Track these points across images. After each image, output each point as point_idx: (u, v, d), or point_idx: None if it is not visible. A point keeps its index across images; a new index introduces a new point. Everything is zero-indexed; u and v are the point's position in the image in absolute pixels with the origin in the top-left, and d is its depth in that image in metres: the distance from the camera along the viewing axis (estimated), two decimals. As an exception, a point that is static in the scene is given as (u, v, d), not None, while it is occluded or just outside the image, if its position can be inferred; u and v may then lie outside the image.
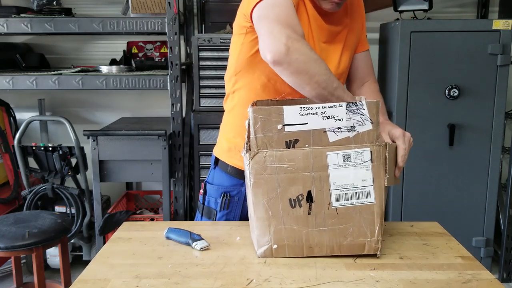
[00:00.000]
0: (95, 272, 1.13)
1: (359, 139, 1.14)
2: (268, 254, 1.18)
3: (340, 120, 1.12)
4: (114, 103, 3.44)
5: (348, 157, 1.14)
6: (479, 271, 1.12)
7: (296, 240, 1.17)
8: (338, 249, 1.18)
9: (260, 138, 1.12)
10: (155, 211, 3.34)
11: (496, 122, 2.79)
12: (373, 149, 1.14)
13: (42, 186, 2.79)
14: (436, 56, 2.74)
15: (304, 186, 1.15)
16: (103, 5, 3.32)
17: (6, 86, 2.79)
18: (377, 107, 1.13)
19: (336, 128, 1.12)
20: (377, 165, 1.15)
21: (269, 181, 1.14)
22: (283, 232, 1.17)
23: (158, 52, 3.30)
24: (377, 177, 1.15)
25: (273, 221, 1.16)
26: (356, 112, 1.12)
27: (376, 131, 1.14)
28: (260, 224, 1.17)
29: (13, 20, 2.78)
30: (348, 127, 1.13)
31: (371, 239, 1.17)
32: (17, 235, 2.16)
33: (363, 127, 1.13)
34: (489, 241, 2.92)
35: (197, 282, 1.07)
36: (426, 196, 2.88)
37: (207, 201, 1.49)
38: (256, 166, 1.14)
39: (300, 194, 1.15)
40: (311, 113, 1.11)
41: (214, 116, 2.83)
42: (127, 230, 1.39)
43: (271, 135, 1.12)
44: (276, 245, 1.17)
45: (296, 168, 1.14)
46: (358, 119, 1.13)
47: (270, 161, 1.13)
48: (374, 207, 1.16)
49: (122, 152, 2.72)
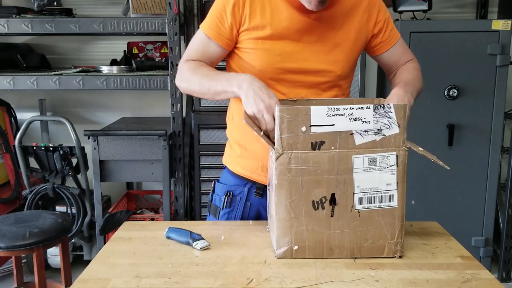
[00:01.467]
0: (96, 272, 1.13)
1: (386, 142, 1.13)
2: (288, 255, 1.18)
3: (367, 122, 1.11)
4: (115, 103, 3.45)
5: (374, 161, 1.13)
6: (479, 271, 1.13)
7: (317, 241, 1.17)
8: (358, 251, 1.18)
9: (285, 138, 1.11)
10: (155, 211, 3.34)
11: (495, 122, 2.80)
12: (399, 154, 1.14)
13: (43, 186, 2.79)
14: (436, 56, 2.75)
15: (328, 188, 1.14)
16: (103, 6, 3.33)
17: (7, 86, 2.80)
18: (404, 110, 1.12)
19: (363, 131, 1.11)
20: (402, 169, 1.14)
21: (293, 182, 1.13)
22: (305, 234, 1.16)
23: (159, 52, 3.31)
24: (401, 181, 1.15)
25: (295, 222, 1.15)
26: (384, 115, 1.11)
27: (403, 135, 1.13)
28: (281, 225, 1.16)
29: (14, 21, 2.78)
30: (375, 130, 1.12)
31: (391, 242, 1.17)
32: (18, 234, 2.16)
33: (390, 131, 1.12)
34: (488, 240, 2.92)
35: (197, 282, 1.07)
36: (426, 196, 2.88)
37: (214, 199, 1.52)
38: (280, 167, 1.13)
39: (323, 197, 1.14)
40: (338, 114, 1.10)
41: (214, 116, 2.83)
42: (127, 230, 1.39)
43: (297, 136, 1.11)
44: (296, 246, 1.17)
45: (321, 170, 1.13)
46: (386, 122, 1.12)
47: (295, 163, 1.12)
48: (396, 211, 1.16)
49: (123, 152, 2.73)
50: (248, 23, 1.33)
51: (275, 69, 1.35)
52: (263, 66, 1.35)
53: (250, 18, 1.33)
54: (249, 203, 1.46)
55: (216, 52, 1.38)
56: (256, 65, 1.35)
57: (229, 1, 1.33)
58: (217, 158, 2.89)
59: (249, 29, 1.34)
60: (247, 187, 1.45)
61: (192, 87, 1.36)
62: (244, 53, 1.37)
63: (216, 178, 1.57)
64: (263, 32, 1.33)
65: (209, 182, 2.91)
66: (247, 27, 1.34)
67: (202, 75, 1.32)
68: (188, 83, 1.36)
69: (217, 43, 1.36)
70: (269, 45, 1.33)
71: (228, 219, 1.48)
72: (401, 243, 1.18)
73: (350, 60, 1.42)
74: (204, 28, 1.38)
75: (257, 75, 1.31)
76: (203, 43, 1.38)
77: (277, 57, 1.34)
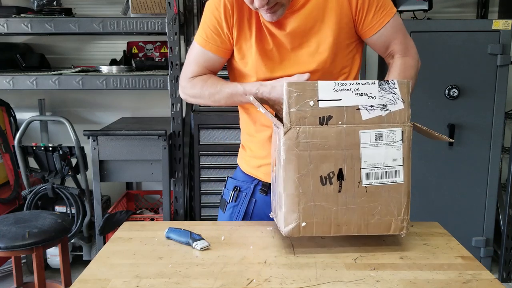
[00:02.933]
0: (95, 272, 1.13)
1: (391, 118, 1.15)
2: (295, 232, 1.17)
3: (373, 98, 1.13)
4: (114, 103, 3.44)
5: (380, 136, 1.15)
6: (479, 271, 1.13)
7: (325, 218, 1.17)
8: (366, 227, 1.18)
9: (293, 113, 1.12)
10: (155, 211, 3.34)
11: (496, 122, 2.80)
12: (404, 129, 1.16)
13: (42, 186, 2.79)
14: (436, 56, 2.75)
15: (335, 163, 1.15)
16: (103, 5, 3.32)
17: (6, 86, 2.79)
18: (408, 87, 1.14)
19: (369, 106, 1.13)
20: (407, 145, 1.16)
21: (301, 157, 1.14)
22: (313, 210, 1.16)
23: (158, 52, 3.31)
24: (407, 157, 1.16)
25: (303, 198, 1.15)
26: (388, 91, 1.14)
27: (408, 111, 1.15)
28: (289, 201, 1.16)
29: (13, 20, 2.78)
30: (380, 105, 1.14)
31: (397, 218, 1.18)
32: (17, 235, 2.16)
33: (395, 106, 1.14)
34: (489, 241, 2.92)
35: (197, 282, 1.07)
36: (426, 196, 2.88)
37: (224, 193, 1.56)
38: (288, 142, 1.13)
39: (331, 172, 1.15)
40: (345, 89, 1.12)
41: (214, 116, 2.83)
42: (127, 230, 1.39)
43: (305, 110, 1.12)
44: (304, 222, 1.16)
45: (329, 145, 1.14)
46: (390, 97, 1.14)
47: (303, 137, 1.13)
48: (402, 187, 1.17)
49: (122, 152, 2.73)
50: (237, 31, 1.35)
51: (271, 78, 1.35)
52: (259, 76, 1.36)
53: (237, 27, 1.35)
54: (254, 200, 1.49)
55: (217, 63, 1.42)
56: (252, 75, 1.37)
57: (219, 10, 1.34)
58: (217, 158, 2.89)
59: (238, 37, 1.36)
60: (254, 184, 1.49)
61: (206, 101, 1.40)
62: (240, 63, 1.39)
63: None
64: (249, 43, 1.35)
65: (209, 182, 2.91)
66: (236, 35, 1.36)
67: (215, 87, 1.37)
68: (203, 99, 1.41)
69: (216, 54, 1.39)
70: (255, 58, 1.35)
71: (233, 213, 1.50)
72: (407, 220, 1.19)
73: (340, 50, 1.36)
74: (201, 42, 1.39)
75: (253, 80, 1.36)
76: (202, 56, 1.40)
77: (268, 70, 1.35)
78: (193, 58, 1.42)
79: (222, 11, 1.34)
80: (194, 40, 1.43)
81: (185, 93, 1.43)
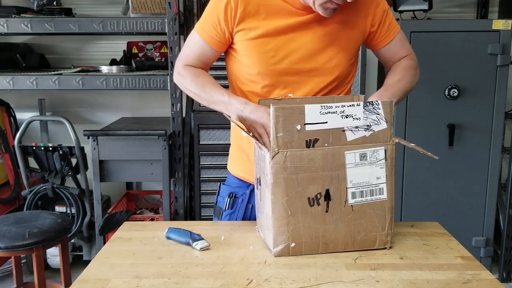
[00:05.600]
0: (95, 272, 1.13)
1: (375, 138, 1.17)
2: (285, 252, 1.19)
3: (357, 119, 1.15)
4: (114, 103, 3.44)
5: (364, 156, 1.18)
6: (479, 271, 1.13)
7: (313, 237, 1.19)
8: (352, 244, 1.21)
9: (281, 137, 1.13)
10: (155, 211, 3.34)
11: (496, 122, 2.80)
12: (387, 148, 1.19)
13: (42, 186, 2.79)
14: (436, 56, 2.75)
15: (322, 184, 1.17)
16: (103, 5, 3.32)
17: (6, 86, 2.79)
18: (391, 106, 1.17)
19: (354, 127, 1.16)
20: (390, 163, 1.19)
21: (289, 180, 1.16)
22: (301, 230, 1.19)
23: (158, 52, 3.31)
24: (390, 175, 1.20)
25: (291, 219, 1.18)
26: (372, 111, 1.16)
27: (390, 130, 1.18)
28: (278, 223, 1.18)
29: (13, 20, 2.78)
30: (365, 126, 1.16)
31: (382, 233, 1.22)
32: (17, 235, 2.16)
33: (378, 126, 1.17)
34: (489, 241, 2.92)
35: (197, 282, 1.07)
36: (426, 196, 2.88)
37: (218, 201, 1.54)
38: (276, 166, 1.15)
39: (318, 193, 1.17)
40: (330, 112, 1.14)
41: (214, 116, 2.83)
42: (127, 230, 1.39)
43: (292, 134, 1.14)
44: (293, 243, 1.19)
45: (316, 167, 1.16)
46: (374, 118, 1.16)
47: (291, 161, 1.15)
48: (386, 203, 1.21)
49: (122, 152, 2.73)
50: (242, 24, 1.34)
51: (272, 71, 1.35)
52: (260, 68, 1.35)
53: (244, 20, 1.33)
54: (251, 205, 1.47)
55: (212, 55, 1.42)
56: (254, 67, 1.36)
57: (222, 3, 1.34)
58: (217, 158, 2.89)
59: (243, 29, 1.34)
60: (250, 189, 1.47)
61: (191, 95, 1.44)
62: (241, 55, 1.38)
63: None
64: (255, 32, 1.33)
65: (209, 182, 2.91)
66: (241, 28, 1.34)
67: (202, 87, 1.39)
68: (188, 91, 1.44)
69: (211, 47, 1.39)
70: (261, 42, 1.34)
71: (230, 220, 1.49)
72: (391, 234, 1.23)
73: (347, 56, 1.40)
74: (200, 32, 1.40)
75: (256, 79, 1.35)
76: (199, 46, 1.41)
77: (271, 57, 1.34)
78: (190, 46, 1.43)
79: (224, 3, 1.33)
80: (194, 28, 1.43)
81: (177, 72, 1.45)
